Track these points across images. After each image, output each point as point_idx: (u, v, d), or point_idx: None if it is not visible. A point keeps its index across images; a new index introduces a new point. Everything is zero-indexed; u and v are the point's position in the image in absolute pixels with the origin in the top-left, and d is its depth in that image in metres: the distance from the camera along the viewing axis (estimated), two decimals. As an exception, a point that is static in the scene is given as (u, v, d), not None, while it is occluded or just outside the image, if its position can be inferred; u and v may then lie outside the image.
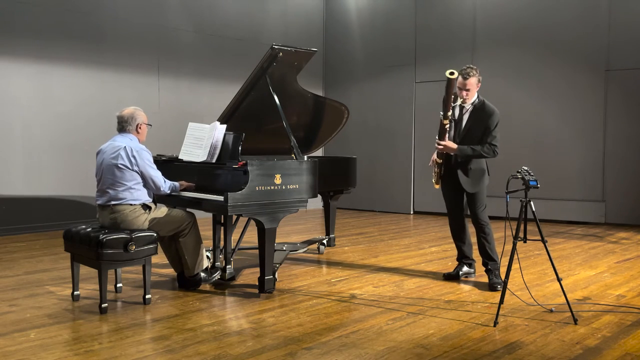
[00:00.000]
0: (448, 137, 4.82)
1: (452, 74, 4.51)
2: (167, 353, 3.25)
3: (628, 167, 8.23)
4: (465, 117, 4.85)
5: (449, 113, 4.75)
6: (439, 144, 4.81)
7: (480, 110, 4.78)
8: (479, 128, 4.78)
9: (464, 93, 4.76)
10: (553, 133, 8.64)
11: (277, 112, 4.76)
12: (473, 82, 4.75)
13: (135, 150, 4.19)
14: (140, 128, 4.36)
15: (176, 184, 4.48)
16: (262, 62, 4.71)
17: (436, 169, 4.99)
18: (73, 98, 7.75)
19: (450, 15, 9.58)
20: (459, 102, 4.81)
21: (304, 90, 5.33)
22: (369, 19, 10.42)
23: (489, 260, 4.83)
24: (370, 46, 10.42)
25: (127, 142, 4.23)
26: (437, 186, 5.10)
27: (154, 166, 4.29)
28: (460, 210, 5.05)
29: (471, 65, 4.80)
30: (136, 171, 4.19)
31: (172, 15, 8.76)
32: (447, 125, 4.77)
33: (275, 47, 4.63)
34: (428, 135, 9.78)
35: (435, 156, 4.97)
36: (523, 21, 8.87)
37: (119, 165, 4.15)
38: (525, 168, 4.01)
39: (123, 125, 4.33)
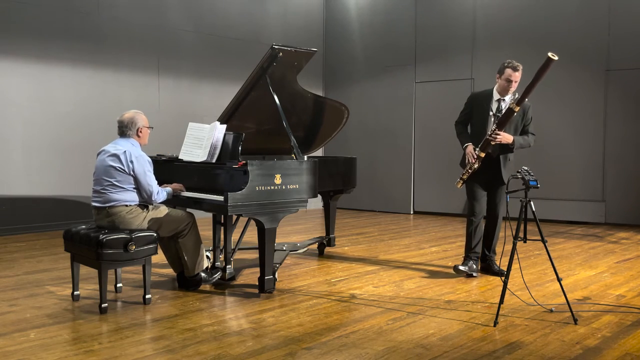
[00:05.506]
0: (484, 130, 4.89)
1: (554, 55, 4.34)
2: (167, 353, 3.25)
3: (628, 167, 8.23)
4: None
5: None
6: (497, 134, 4.73)
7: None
8: (520, 121, 4.93)
9: (514, 85, 4.84)
10: (553, 133, 8.63)
11: (277, 112, 4.76)
12: (520, 75, 4.85)
13: (135, 157, 4.16)
14: (140, 132, 4.32)
15: (169, 189, 4.45)
16: (262, 62, 4.71)
17: (476, 165, 4.86)
18: (73, 98, 7.75)
19: (450, 15, 9.58)
20: (499, 96, 4.93)
21: (304, 90, 5.33)
22: (369, 19, 10.42)
23: (493, 253, 5.18)
24: (370, 46, 10.42)
25: (128, 146, 4.21)
26: (460, 186, 4.98)
27: (152, 175, 4.25)
28: (484, 209, 5.11)
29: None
30: (132, 175, 4.17)
31: (172, 15, 8.76)
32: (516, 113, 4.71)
33: (275, 47, 4.62)
34: (428, 135, 9.83)
35: (473, 151, 4.84)
36: (523, 21, 8.87)
37: (117, 168, 4.13)
38: (525, 168, 4.01)
39: (123, 130, 4.29)
